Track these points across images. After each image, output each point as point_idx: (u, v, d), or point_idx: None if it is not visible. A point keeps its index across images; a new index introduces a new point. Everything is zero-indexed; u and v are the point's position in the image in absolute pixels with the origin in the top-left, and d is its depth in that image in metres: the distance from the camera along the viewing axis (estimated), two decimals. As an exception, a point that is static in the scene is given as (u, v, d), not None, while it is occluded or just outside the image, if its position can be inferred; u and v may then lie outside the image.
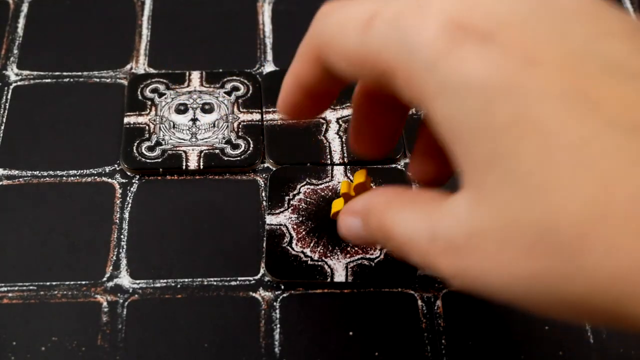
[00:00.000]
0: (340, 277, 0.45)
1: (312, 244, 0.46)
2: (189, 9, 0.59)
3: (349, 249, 0.46)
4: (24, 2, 0.59)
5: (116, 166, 0.50)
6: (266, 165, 0.50)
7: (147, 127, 0.51)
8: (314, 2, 0.60)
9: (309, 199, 0.48)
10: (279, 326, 0.43)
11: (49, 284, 0.45)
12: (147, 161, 0.49)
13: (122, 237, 0.47)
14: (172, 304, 0.44)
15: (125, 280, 0.45)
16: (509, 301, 0.28)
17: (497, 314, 0.44)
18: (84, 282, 0.45)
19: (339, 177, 0.49)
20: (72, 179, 0.49)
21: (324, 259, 0.45)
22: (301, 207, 0.48)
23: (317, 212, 0.47)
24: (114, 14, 0.58)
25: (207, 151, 0.50)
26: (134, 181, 0.49)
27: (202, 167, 0.49)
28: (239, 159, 0.50)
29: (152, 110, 0.52)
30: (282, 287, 0.45)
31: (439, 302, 0.44)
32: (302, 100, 0.36)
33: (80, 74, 0.54)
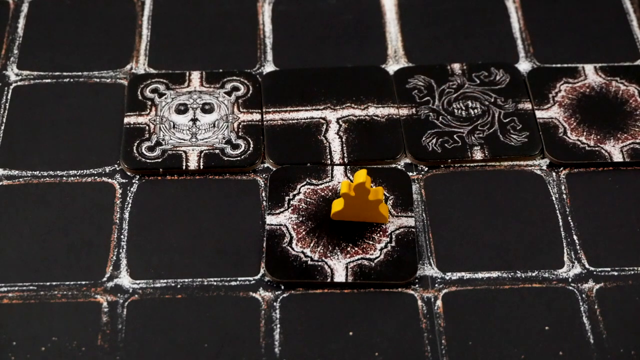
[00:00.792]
0: (340, 277, 0.45)
1: (312, 244, 0.46)
2: (189, 9, 0.59)
3: (349, 249, 0.46)
4: (24, 2, 0.59)
5: (116, 166, 0.50)
6: (266, 165, 0.50)
7: (147, 127, 0.51)
8: (314, 2, 0.60)
9: (309, 199, 0.48)
10: (279, 326, 0.43)
11: (49, 284, 0.45)
12: (147, 161, 0.49)
13: (122, 237, 0.47)
14: (172, 304, 0.44)
15: (125, 280, 0.45)
16: None
17: (497, 314, 0.44)
18: (84, 282, 0.45)
19: (339, 177, 0.49)
20: (72, 179, 0.49)
21: (324, 259, 0.45)
22: (301, 207, 0.48)
23: (317, 212, 0.47)
24: (114, 14, 0.58)
25: (207, 151, 0.50)
26: (134, 181, 0.49)
27: (202, 167, 0.49)
28: (239, 159, 0.50)
29: (152, 110, 0.52)
30: (282, 287, 0.45)
31: (439, 302, 0.44)
32: None
33: (80, 74, 0.54)
